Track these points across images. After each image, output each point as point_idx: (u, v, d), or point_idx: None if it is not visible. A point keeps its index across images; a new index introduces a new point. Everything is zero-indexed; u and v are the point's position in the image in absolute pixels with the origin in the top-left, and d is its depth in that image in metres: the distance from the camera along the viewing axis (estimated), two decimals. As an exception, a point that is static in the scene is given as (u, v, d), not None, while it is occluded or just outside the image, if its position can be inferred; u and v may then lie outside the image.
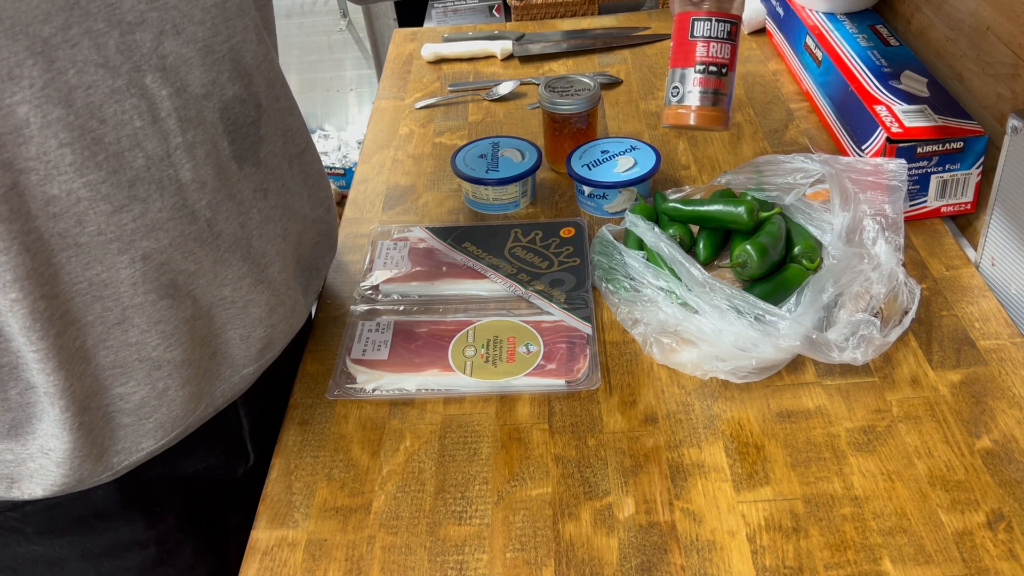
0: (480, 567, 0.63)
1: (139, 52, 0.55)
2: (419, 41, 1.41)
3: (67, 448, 0.60)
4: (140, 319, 0.60)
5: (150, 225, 0.58)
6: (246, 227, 0.65)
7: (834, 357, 0.72)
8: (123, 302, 0.59)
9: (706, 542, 0.64)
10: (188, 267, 0.62)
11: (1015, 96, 0.85)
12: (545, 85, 1.03)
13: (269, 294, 0.69)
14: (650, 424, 0.73)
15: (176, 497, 0.75)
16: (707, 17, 0.80)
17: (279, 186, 0.69)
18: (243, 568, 0.65)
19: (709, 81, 0.80)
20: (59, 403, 0.58)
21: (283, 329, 0.72)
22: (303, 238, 0.75)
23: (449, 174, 1.07)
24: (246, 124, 0.64)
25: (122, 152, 0.55)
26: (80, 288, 0.57)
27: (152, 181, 0.57)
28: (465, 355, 0.79)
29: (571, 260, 0.89)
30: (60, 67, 0.52)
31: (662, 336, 0.77)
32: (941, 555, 0.62)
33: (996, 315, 0.80)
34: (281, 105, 0.69)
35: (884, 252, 0.79)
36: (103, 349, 0.60)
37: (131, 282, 0.59)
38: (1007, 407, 0.72)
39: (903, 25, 1.10)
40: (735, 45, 0.81)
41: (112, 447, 0.64)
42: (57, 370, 0.57)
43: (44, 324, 0.55)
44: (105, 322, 0.59)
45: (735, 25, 0.80)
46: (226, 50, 0.60)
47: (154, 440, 0.66)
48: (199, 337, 0.65)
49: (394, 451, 0.73)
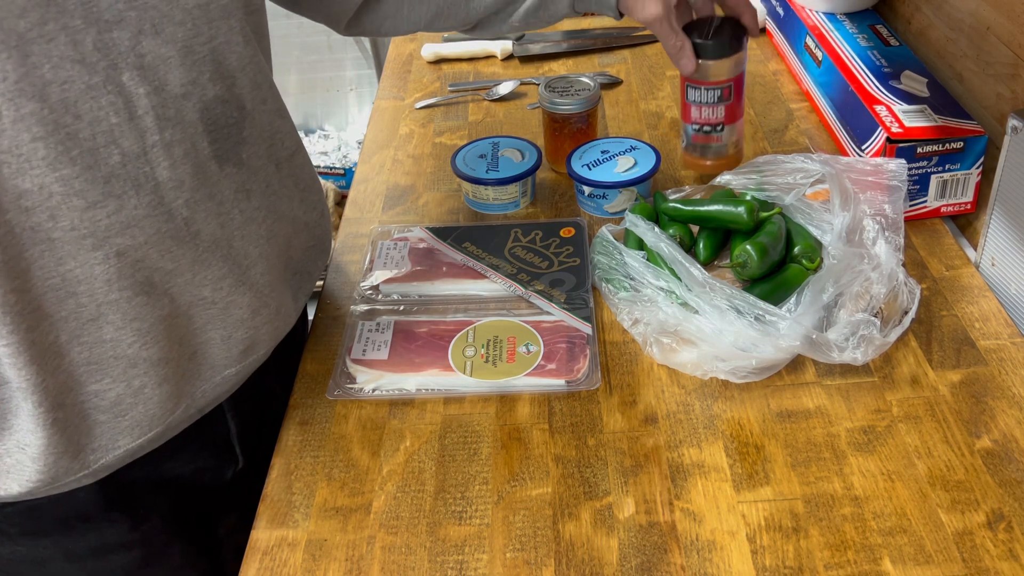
0: (480, 567, 0.63)
1: (116, 50, 0.55)
2: (419, 41, 1.41)
3: (42, 444, 0.60)
4: (115, 316, 0.60)
5: (125, 222, 0.58)
6: (226, 227, 0.65)
7: (834, 357, 0.72)
8: (97, 298, 0.59)
9: (706, 542, 0.64)
10: (165, 265, 0.61)
11: (1015, 96, 0.85)
12: (545, 85, 1.03)
13: (252, 296, 0.68)
14: (650, 424, 0.73)
15: (161, 499, 0.74)
16: (697, 85, 0.90)
17: (263, 188, 0.68)
18: (243, 568, 0.65)
19: (701, 138, 0.94)
20: (32, 398, 0.58)
21: (267, 331, 0.72)
22: (293, 241, 0.75)
23: (449, 174, 1.07)
24: (228, 125, 0.63)
25: (97, 148, 0.55)
26: (53, 283, 0.57)
27: (128, 178, 0.57)
28: (465, 355, 0.79)
29: (571, 260, 0.89)
30: (35, 62, 0.52)
31: (662, 336, 0.77)
32: (941, 555, 0.62)
33: (996, 315, 0.80)
34: (268, 107, 0.68)
35: (884, 252, 0.79)
36: (77, 345, 0.60)
37: (105, 279, 0.58)
38: (1007, 407, 0.72)
39: (903, 25, 1.10)
40: (731, 104, 0.91)
41: (88, 444, 0.63)
42: (29, 364, 0.57)
43: (15, 318, 0.55)
44: (79, 318, 0.59)
45: (727, 88, 0.90)
46: (207, 51, 0.60)
47: (131, 438, 0.65)
48: (177, 336, 0.65)
49: (394, 451, 0.73)
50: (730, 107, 0.91)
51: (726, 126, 0.93)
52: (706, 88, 0.90)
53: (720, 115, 0.92)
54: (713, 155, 0.95)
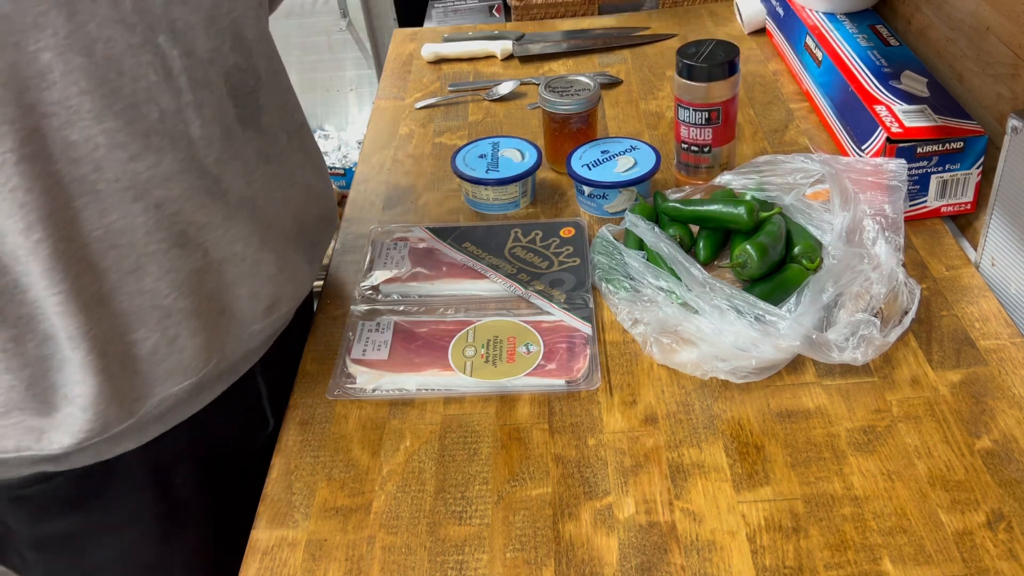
0: (480, 567, 0.63)
1: (152, 13, 0.58)
2: (419, 41, 1.41)
3: (92, 393, 0.62)
4: (153, 267, 0.63)
5: (163, 175, 0.61)
6: (252, 187, 0.68)
7: (834, 357, 0.72)
8: (137, 250, 0.62)
9: (706, 542, 0.64)
10: (199, 219, 0.64)
11: (1015, 96, 0.85)
12: (545, 85, 1.03)
13: (275, 255, 0.72)
14: (650, 424, 0.73)
15: (197, 467, 0.77)
16: (687, 106, 0.93)
17: (279, 154, 0.72)
18: (243, 568, 0.65)
19: (690, 157, 0.97)
20: (83, 346, 0.61)
21: (289, 291, 0.75)
22: (306, 209, 0.78)
23: (449, 174, 1.07)
24: (247, 92, 0.67)
25: (138, 104, 0.58)
26: (97, 235, 0.59)
27: (165, 134, 0.60)
28: (465, 355, 0.79)
29: (571, 260, 0.89)
30: (81, 19, 0.54)
31: (662, 336, 0.77)
32: (941, 555, 0.62)
33: (996, 315, 0.80)
34: (279, 81, 0.73)
35: (884, 252, 0.79)
36: (119, 295, 0.62)
37: (145, 230, 0.61)
38: (1007, 407, 0.72)
39: (903, 25, 1.10)
40: (719, 127, 0.93)
41: (130, 393, 0.66)
42: (78, 313, 0.59)
43: (64, 266, 0.58)
44: (120, 269, 0.61)
45: (715, 112, 0.92)
46: (228, 22, 0.64)
47: (168, 386, 0.67)
48: (208, 291, 0.67)
49: (394, 451, 0.73)
50: (718, 130, 0.93)
51: (713, 148, 0.95)
52: (694, 109, 0.92)
53: (707, 137, 0.94)
54: (702, 175, 0.97)
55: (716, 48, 0.91)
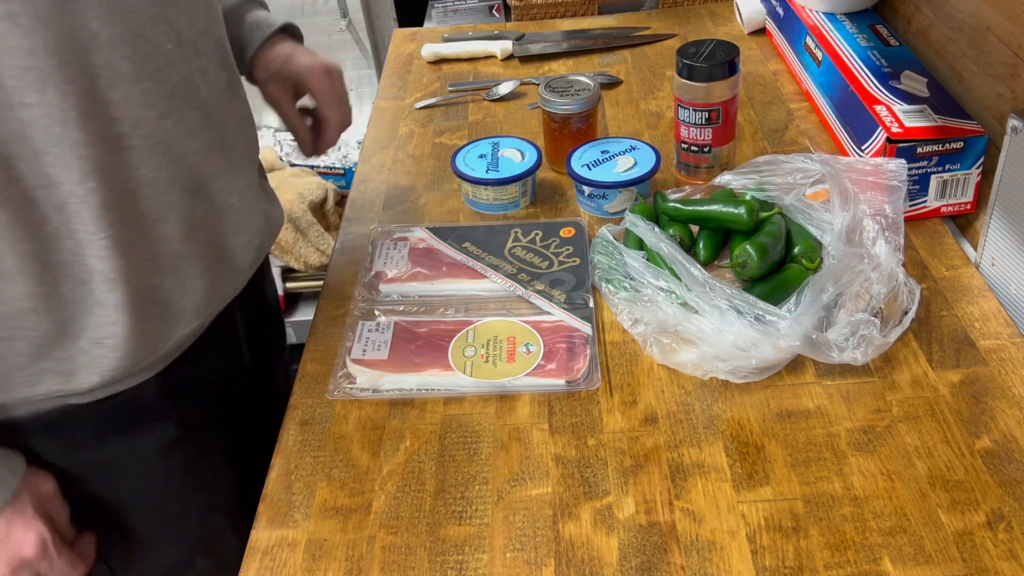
0: (480, 567, 0.63)
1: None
2: (419, 41, 1.41)
3: (124, 332, 0.68)
4: (171, 215, 0.69)
5: (185, 132, 0.68)
6: (244, 144, 0.77)
7: (834, 357, 0.72)
8: (162, 199, 0.68)
9: (706, 542, 0.64)
10: (207, 171, 0.72)
11: (1015, 96, 0.85)
12: (545, 85, 1.03)
13: (266, 204, 0.81)
14: (650, 424, 0.73)
15: (203, 395, 0.82)
16: (687, 106, 0.93)
17: (248, 118, 0.81)
18: (243, 568, 0.65)
19: (690, 157, 0.97)
20: (120, 287, 0.67)
21: (271, 237, 0.84)
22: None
23: (449, 174, 1.07)
24: (228, 64, 0.76)
25: (161, 68, 0.66)
26: (132, 186, 0.66)
27: (183, 95, 0.68)
28: (465, 355, 0.79)
29: (571, 260, 0.89)
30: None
31: (662, 336, 0.77)
32: (941, 555, 0.62)
33: (996, 315, 0.80)
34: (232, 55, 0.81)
35: (884, 252, 0.79)
36: (147, 241, 0.68)
37: (168, 180, 0.68)
38: (1007, 407, 0.72)
39: (903, 25, 1.10)
40: (718, 127, 0.93)
41: (152, 333, 0.71)
42: (120, 256, 0.66)
43: (112, 213, 0.64)
44: (148, 218, 0.68)
45: (715, 112, 0.92)
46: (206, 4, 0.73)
47: (181, 327, 0.73)
48: (211, 238, 0.74)
49: (394, 451, 0.73)
50: (717, 130, 0.93)
51: (713, 148, 0.95)
52: (693, 109, 0.92)
53: (707, 137, 0.94)
54: (702, 175, 0.97)
55: (716, 48, 0.91)
